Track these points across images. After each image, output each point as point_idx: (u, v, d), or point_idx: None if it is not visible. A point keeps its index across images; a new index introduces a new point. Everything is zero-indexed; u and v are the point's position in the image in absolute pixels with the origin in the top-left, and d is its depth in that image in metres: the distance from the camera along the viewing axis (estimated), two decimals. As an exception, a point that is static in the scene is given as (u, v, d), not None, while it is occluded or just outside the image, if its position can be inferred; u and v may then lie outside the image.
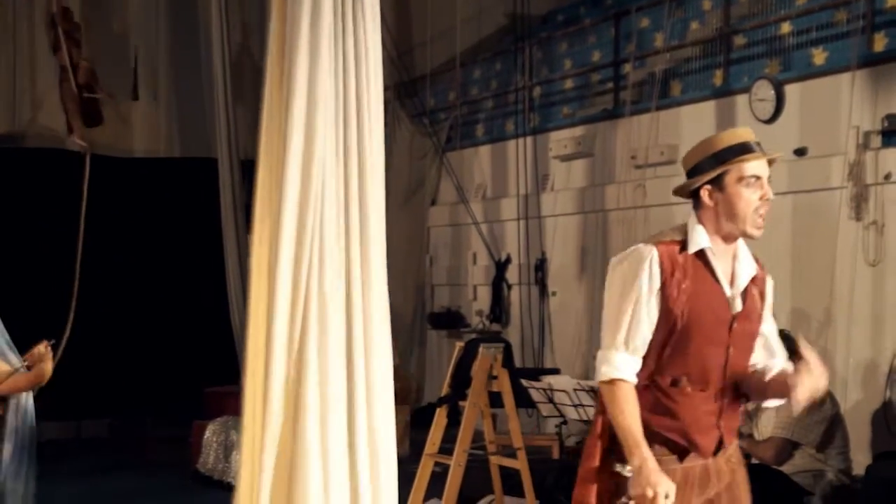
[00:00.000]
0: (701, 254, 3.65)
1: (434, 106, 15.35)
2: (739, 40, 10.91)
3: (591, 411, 7.86)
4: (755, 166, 3.65)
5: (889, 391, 8.69)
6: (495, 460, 7.52)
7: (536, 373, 9.07)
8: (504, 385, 7.31)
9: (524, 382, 8.09)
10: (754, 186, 3.64)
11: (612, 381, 3.60)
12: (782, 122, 9.76)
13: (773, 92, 9.78)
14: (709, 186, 3.66)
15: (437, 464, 7.54)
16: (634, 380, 3.60)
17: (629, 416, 3.54)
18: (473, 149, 14.46)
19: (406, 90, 15.00)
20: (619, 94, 12.14)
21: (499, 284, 13.44)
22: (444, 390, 7.65)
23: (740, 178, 3.63)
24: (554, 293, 12.76)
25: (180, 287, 13.60)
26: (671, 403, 3.61)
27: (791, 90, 9.74)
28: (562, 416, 8.21)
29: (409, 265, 14.66)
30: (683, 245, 3.66)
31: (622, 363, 3.58)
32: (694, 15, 11.65)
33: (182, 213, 13.73)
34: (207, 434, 10.06)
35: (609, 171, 11.93)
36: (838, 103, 9.17)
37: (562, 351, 12.40)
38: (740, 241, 3.75)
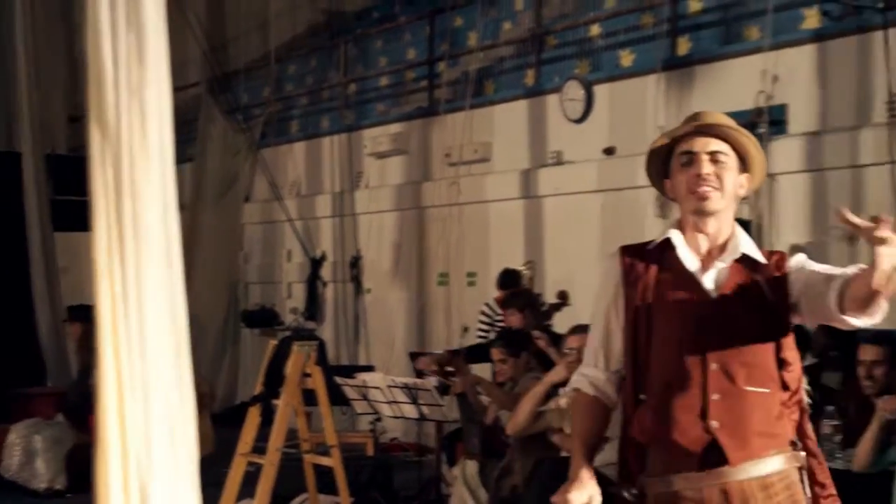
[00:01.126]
0: (668, 246, 3.32)
1: (248, 102, 15.19)
2: (551, 41, 11.11)
3: (405, 408, 7.90)
4: (687, 143, 3.28)
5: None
6: (309, 458, 7.48)
7: (351, 370, 9.06)
8: (318, 383, 7.27)
9: (338, 380, 8.08)
10: (688, 165, 3.26)
11: (574, 391, 3.48)
12: (592, 121, 9.98)
13: (583, 92, 10.00)
14: (668, 180, 3.36)
15: (250, 463, 7.45)
16: (592, 392, 3.39)
17: (577, 425, 3.43)
18: (288, 145, 14.36)
19: (219, 85, 14.78)
20: (434, 93, 12.22)
21: (313, 282, 13.38)
22: (257, 389, 7.55)
23: (678, 158, 3.29)
24: (368, 290, 12.78)
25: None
26: (653, 411, 3.25)
27: (600, 90, 9.97)
28: (376, 412, 8.22)
29: (222, 263, 14.48)
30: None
31: (584, 375, 3.42)
32: (506, 15, 11.82)
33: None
34: (11, 437, 9.71)
35: (424, 169, 12.00)
36: (644, 104, 9.42)
37: (376, 348, 12.42)
38: (737, 230, 3.31)
